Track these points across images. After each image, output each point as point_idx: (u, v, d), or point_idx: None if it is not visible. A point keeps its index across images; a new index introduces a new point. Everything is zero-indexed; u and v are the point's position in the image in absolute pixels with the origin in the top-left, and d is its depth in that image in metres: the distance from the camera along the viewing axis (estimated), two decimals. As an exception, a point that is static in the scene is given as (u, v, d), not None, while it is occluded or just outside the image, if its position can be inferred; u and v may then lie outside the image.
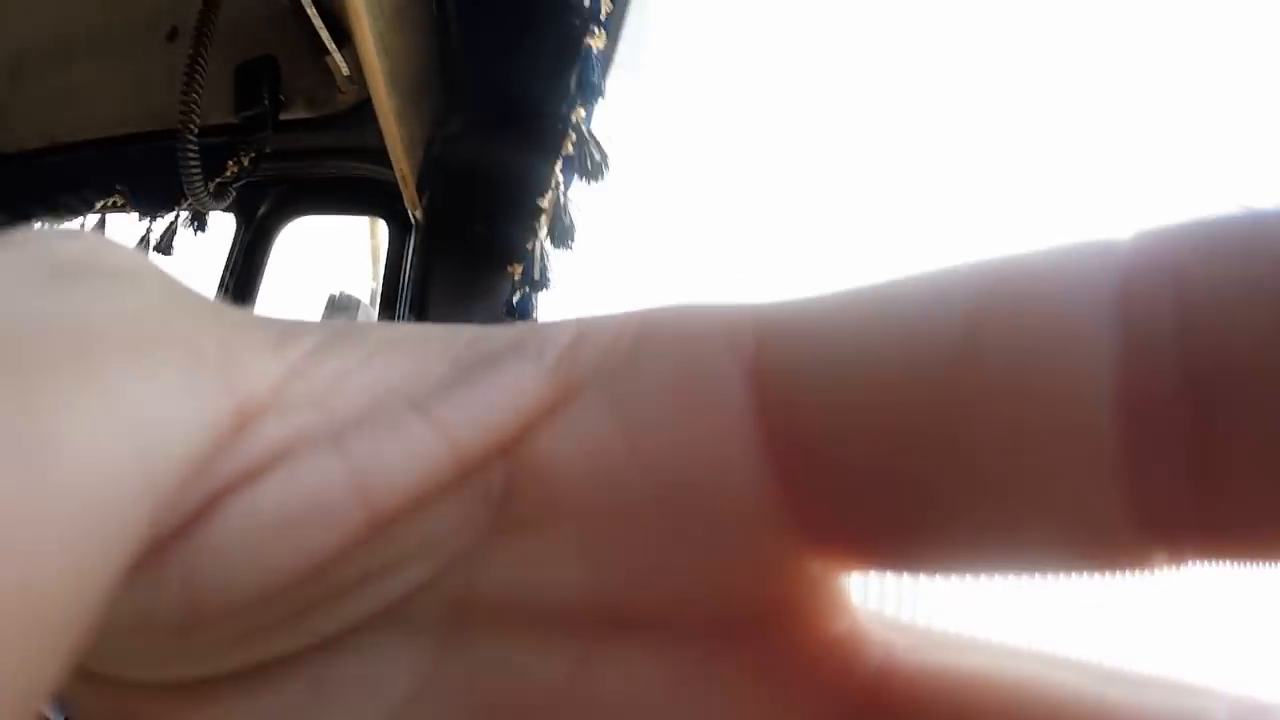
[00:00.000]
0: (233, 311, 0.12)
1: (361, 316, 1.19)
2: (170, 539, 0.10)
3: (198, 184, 1.10)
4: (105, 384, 0.09)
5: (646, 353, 0.11)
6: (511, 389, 0.11)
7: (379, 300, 1.16)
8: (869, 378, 0.09)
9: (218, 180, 1.17)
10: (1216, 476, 0.08)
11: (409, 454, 0.10)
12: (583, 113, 1.02)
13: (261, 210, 1.26)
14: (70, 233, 0.11)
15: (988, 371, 0.09)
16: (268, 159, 1.19)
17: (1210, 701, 0.10)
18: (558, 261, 1.07)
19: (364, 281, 1.29)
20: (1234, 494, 0.08)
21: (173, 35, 1.22)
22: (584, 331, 0.11)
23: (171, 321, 0.11)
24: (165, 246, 1.25)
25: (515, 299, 1.06)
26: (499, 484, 0.11)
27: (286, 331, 0.12)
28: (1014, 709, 0.10)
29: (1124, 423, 0.09)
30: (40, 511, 0.08)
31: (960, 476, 0.09)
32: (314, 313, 1.21)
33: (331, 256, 1.39)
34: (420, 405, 0.11)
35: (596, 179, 1.04)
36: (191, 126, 1.05)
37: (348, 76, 1.14)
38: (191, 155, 1.07)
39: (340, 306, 1.20)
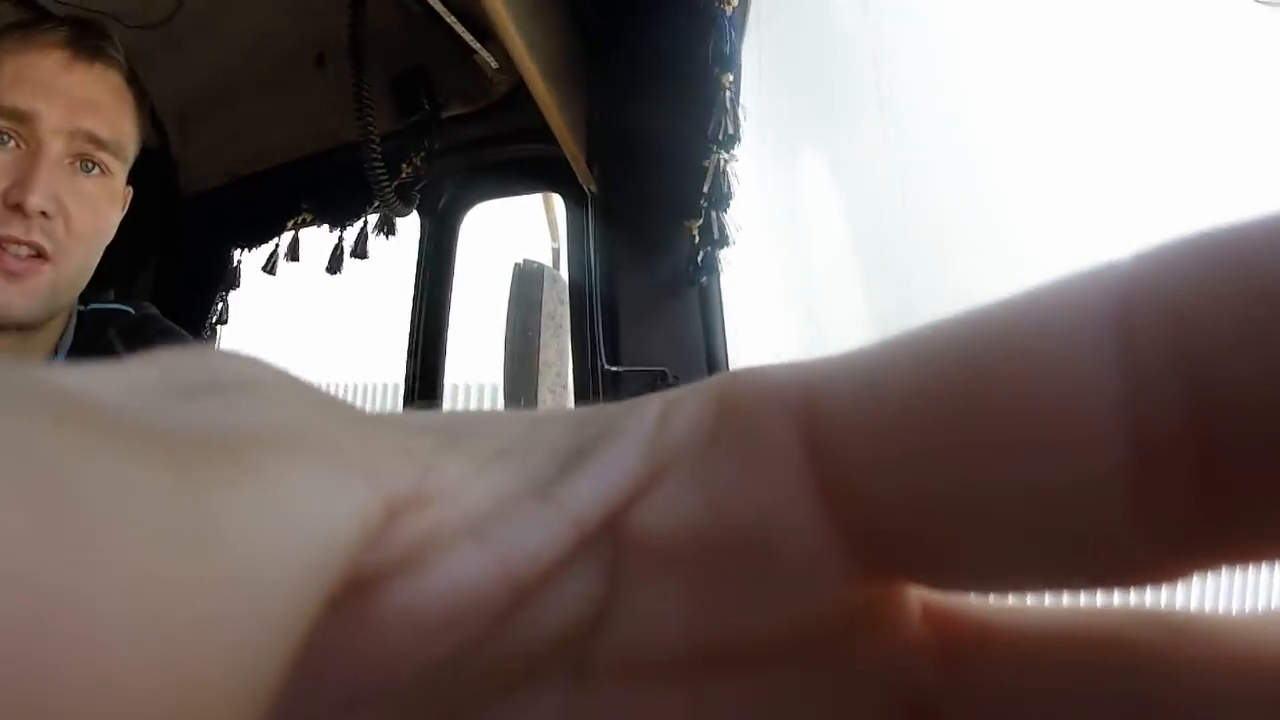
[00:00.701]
0: (359, 412, 0.13)
1: (547, 280, 1.28)
2: (331, 623, 0.11)
3: (388, 193, 1.20)
4: (265, 479, 0.10)
5: (720, 425, 0.12)
6: (618, 470, 0.12)
7: (568, 270, 1.24)
8: (895, 427, 0.10)
9: (396, 183, 1.26)
10: (1225, 497, 0.09)
11: (541, 535, 0.12)
12: (729, 77, 1.06)
13: (441, 204, 1.34)
14: (189, 351, 0.12)
15: (995, 413, 0.09)
16: (438, 156, 1.27)
17: None
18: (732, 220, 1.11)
19: (544, 248, 1.37)
20: (1243, 514, 0.09)
21: (320, 61, 1.28)
22: (668, 409, 0.12)
23: (311, 425, 0.11)
24: (361, 252, 1.35)
25: (699, 256, 1.12)
26: (608, 553, 0.12)
27: (408, 432, 0.13)
28: (1081, 666, 0.11)
29: (1131, 454, 0.09)
30: (210, 597, 0.08)
31: (987, 510, 0.10)
32: (502, 281, 1.30)
33: (511, 229, 1.47)
34: (543, 493, 0.12)
35: (728, 149, 1.07)
36: (374, 145, 1.14)
37: (497, 69, 1.18)
38: (379, 169, 1.17)
39: (526, 272, 1.29)
